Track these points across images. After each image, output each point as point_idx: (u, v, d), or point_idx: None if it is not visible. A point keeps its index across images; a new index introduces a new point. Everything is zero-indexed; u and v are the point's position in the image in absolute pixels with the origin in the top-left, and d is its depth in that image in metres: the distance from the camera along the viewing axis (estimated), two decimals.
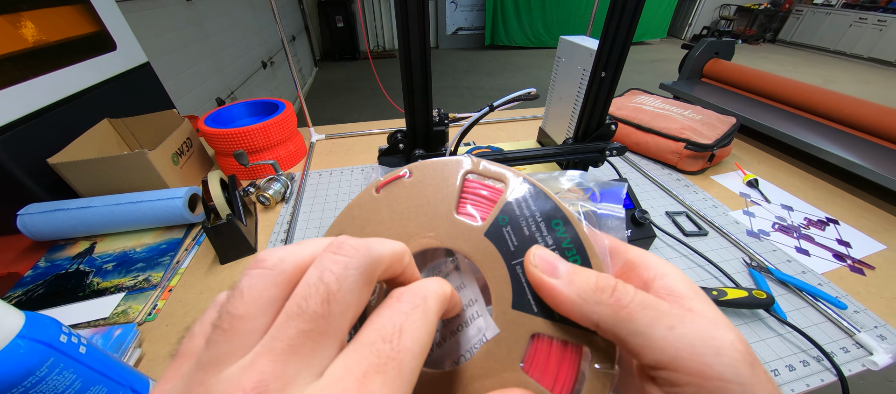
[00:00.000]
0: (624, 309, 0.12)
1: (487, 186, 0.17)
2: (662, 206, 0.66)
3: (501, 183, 0.17)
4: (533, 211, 0.16)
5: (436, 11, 4.86)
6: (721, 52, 1.08)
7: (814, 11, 4.82)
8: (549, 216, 0.16)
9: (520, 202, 0.16)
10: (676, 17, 5.49)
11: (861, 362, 0.41)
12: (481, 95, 3.33)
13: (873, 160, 0.69)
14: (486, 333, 0.15)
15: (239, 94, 2.07)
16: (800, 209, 0.66)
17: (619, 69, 0.48)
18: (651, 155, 0.81)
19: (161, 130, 0.70)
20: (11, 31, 0.57)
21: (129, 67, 0.78)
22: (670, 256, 0.55)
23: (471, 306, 0.16)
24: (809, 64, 4.20)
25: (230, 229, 0.51)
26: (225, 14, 2.06)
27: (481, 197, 0.17)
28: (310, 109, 0.94)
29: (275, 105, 0.77)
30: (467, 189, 0.17)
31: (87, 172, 0.57)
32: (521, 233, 0.16)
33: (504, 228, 0.16)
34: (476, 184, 0.17)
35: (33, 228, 0.52)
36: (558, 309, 0.14)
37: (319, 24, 4.39)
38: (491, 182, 0.17)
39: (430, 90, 0.47)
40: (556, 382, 0.14)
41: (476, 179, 0.17)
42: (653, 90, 0.98)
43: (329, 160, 0.81)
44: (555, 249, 0.15)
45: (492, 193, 0.17)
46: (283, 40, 0.82)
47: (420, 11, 0.41)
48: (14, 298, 0.47)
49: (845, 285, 0.50)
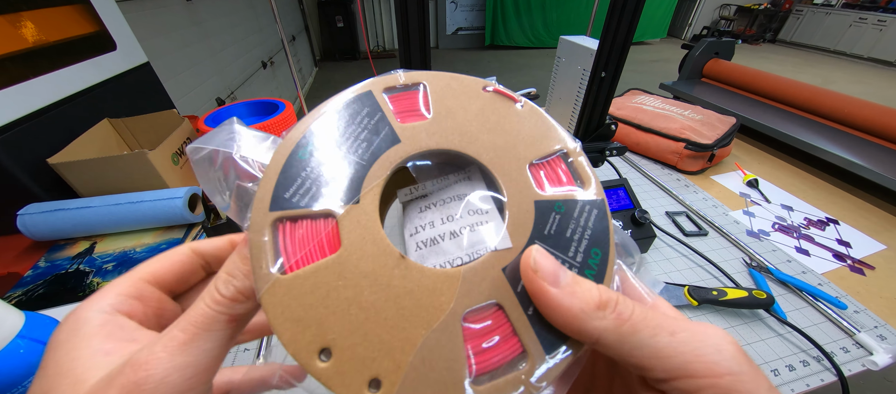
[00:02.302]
0: (626, 322, 0.12)
1: (567, 172, 0.17)
2: (662, 206, 0.66)
3: (580, 182, 0.17)
4: (588, 224, 0.16)
5: (436, 11, 4.86)
6: (721, 52, 1.08)
7: (814, 11, 4.82)
8: (597, 240, 0.15)
9: (584, 208, 0.16)
10: (676, 17, 5.49)
11: (861, 362, 0.41)
12: None
13: (873, 160, 0.69)
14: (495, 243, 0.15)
15: (239, 94, 2.07)
16: (800, 209, 0.66)
17: (619, 69, 0.48)
18: (651, 155, 0.81)
19: (161, 130, 0.70)
20: (11, 31, 0.57)
21: (129, 67, 0.78)
22: (670, 256, 0.55)
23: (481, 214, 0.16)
24: (809, 64, 4.20)
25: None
26: (225, 14, 2.06)
27: (557, 175, 0.17)
28: (310, 109, 0.94)
29: (275, 105, 0.77)
30: (552, 163, 0.17)
31: (87, 172, 0.57)
32: (563, 230, 0.15)
33: (555, 213, 0.16)
34: (560, 163, 0.17)
35: (33, 228, 0.52)
36: (554, 320, 0.13)
37: (319, 24, 4.38)
38: (573, 173, 0.17)
39: None
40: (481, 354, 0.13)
41: (564, 163, 0.17)
42: (653, 90, 0.98)
43: None
44: (576, 268, 0.15)
45: (567, 180, 0.17)
46: (283, 40, 0.82)
47: (420, 11, 0.41)
48: (14, 298, 0.47)
49: (845, 285, 0.50)
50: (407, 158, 0.16)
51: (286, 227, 0.14)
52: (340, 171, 0.15)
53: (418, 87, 0.17)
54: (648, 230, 0.53)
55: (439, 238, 0.16)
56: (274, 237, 0.13)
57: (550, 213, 0.16)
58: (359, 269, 0.13)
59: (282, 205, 0.14)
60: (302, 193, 0.14)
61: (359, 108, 0.16)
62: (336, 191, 0.14)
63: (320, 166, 0.15)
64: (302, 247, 0.13)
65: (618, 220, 0.53)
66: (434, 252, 0.16)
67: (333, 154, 0.15)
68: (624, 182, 0.56)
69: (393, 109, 0.17)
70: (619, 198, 0.55)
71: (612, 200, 0.55)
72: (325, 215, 0.14)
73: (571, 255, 0.15)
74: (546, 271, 0.13)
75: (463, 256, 0.16)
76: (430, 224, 0.17)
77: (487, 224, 0.16)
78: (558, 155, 0.17)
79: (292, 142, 0.15)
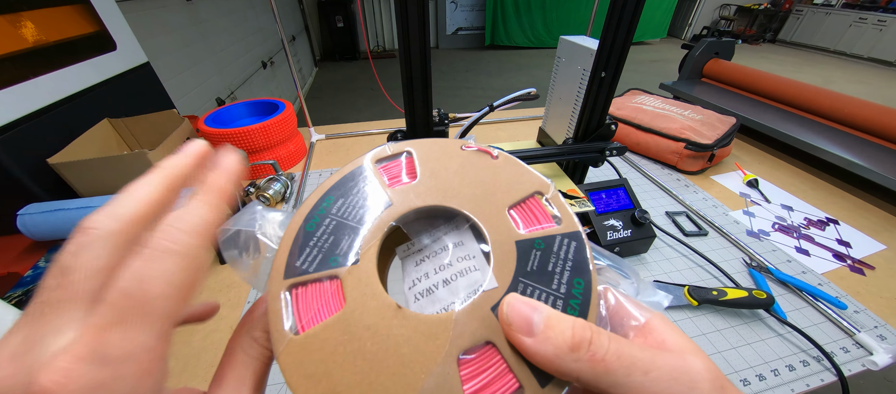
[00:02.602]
0: (600, 363, 0.12)
1: (543, 211, 0.18)
2: (662, 206, 0.66)
3: (557, 219, 0.18)
4: (568, 257, 0.17)
5: (436, 11, 4.86)
6: (721, 52, 1.08)
7: (814, 11, 4.82)
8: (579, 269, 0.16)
9: (562, 241, 0.17)
10: (676, 17, 5.49)
11: (861, 362, 0.41)
12: (481, 95, 3.33)
13: (873, 160, 0.69)
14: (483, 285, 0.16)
15: (239, 94, 2.07)
16: (800, 209, 0.66)
17: (619, 69, 0.48)
18: (651, 155, 0.81)
19: (161, 129, 0.70)
20: (11, 31, 0.57)
21: (129, 67, 0.78)
22: (670, 256, 0.55)
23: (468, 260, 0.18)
24: (809, 64, 4.20)
25: None
26: (225, 14, 2.06)
27: (534, 215, 0.18)
28: (310, 109, 0.94)
29: (275, 105, 0.77)
30: (529, 204, 0.19)
31: (87, 172, 0.57)
32: (545, 265, 0.16)
33: (535, 250, 0.17)
34: (536, 203, 0.19)
35: (33, 228, 0.52)
36: (535, 363, 0.13)
37: (319, 24, 4.39)
38: (549, 211, 0.18)
39: (430, 90, 0.47)
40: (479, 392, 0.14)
41: (539, 202, 0.19)
42: (653, 90, 0.98)
43: (329, 160, 0.81)
44: (561, 300, 0.15)
45: (545, 218, 0.18)
46: (283, 40, 0.82)
47: (420, 11, 0.41)
48: (14, 298, 0.47)
49: (845, 285, 0.50)
50: (398, 217, 0.17)
51: (299, 291, 0.15)
52: (342, 237, 0.17)
53: (404, 154, 0.20)
54: (648, 230, 0.53)
55: (434, 287, 0.17)
56: (288, 302, 0.15)
57: (531, 250, 0.17)
58: (362, 322, 0.15)
59: (294, 272, 0.15)
60: (310, 261, 0.16)
61: (353, 180, 0.18)
62: (339, 255, 0.16)
63: (325, 235, 0.17)
64: (311, 308, 0.15)
65: (618, 220, 0.53)
66: (431, 301, 0.17)
67: (335, 224, 0.17)
68: (624, 182, 0.56)
69: (383, 176, 0.19)
70: (619, 198, 0.55)
71: (612, 200, 0.55)
72: (331, 277, 0.16)
73: (555, 287, 0.16)
74: (519, 324, 0.14)
75: (456, 300, 0.17)
76: (426, 275, 0.18)
77: (475, 268, 0.17)
78: (534, 196, 0.19)
79: (301, 216, 0.17)
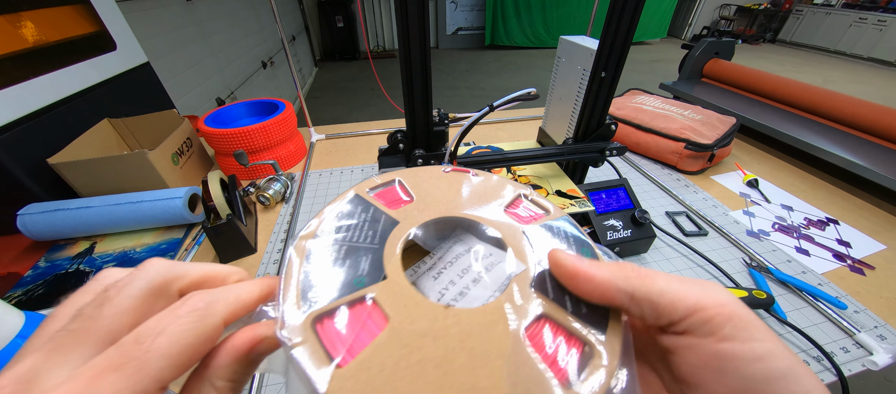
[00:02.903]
0: (646, 277, 0.14)
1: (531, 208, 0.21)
2: (662, 206, 0.66)
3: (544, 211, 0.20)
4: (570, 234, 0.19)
5: (436, 11, 4.86)
6: (721, 52, 1.08)
7: (814, 11, 4.82)
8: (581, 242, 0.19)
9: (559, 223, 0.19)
10: (676, 17, 5.49)
11: (861, 362, 0.41)
12: (481, 95, 3.33)
13: (873, 160, 0.69)
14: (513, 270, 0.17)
15: (239, 94, 2.07)
16: (800, 209, 0.66)
17: (619, 69, 0.48)
18: (651, 155, 0.81)
19: (161, 130, 0.70)
20: (11, 31, 0.57)
21: (129, 67, 0.78)
22: (670, 256, 0.55)
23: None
24: (809, 64, 4.20)
25: (230, 229, 0.51)
26: (225, 14, 2.06)
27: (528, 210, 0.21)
28: (310, 109, 0.94)
29: (275, 105, 0.77)
30: (517, 203, 0.21)
31: (87, 172, 0.57)
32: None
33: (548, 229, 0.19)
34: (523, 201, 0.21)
35: (33, 228, 0.52)
36: (591, 292, 0.15)
37: (319, 24, 4.38)
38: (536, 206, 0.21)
39: (430, 90, 0.47)
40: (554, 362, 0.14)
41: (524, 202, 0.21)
42: (653, 90, 0.98)
43: (329, 160, 0.81)
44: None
45: (536, 213, 0.20)
46: (283, 40, 0.82)
47: (420, 11, 0.41)
48: (14, 298, 0.47)
49: (845, 285, 0.50)
50: (411, 231, 0.18)
51: (324, 323, 0.14)
52: (359, 259, 0.16)
53: (393, 182, 0.21)
54: (648, 230, 0.53)
55: (465, 289, 0.18)
56: (317, 337, 0.13)
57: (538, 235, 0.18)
58: (415, 331, 0.14)
59: (311, 306, 0.14)
60: (325, 291, 0.14)
61: (353, 208, 0.18)
62: (363, 276, 0.15)
63: (338, 261, 0.16)
64: (349, 335, 0.13)
65: (618, 220, 0.53)
66: (468, 301, 0.17)
67: (346, 249, 0.16)
68: (624, 182, 0.56)
69: (381, 201, 0.19)
70: (619, 198, 0.55)
71: (612, 200, 0.55)
72: (361, 299, 0.14)
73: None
74: (573, 260, 0.16)
75: (493, 291, 0.17)
76: (451, 283, 0.18)
77: (498, 261, 0.18)
78: (518, 197, 0.21)
79: (301, 251, 0.16)
